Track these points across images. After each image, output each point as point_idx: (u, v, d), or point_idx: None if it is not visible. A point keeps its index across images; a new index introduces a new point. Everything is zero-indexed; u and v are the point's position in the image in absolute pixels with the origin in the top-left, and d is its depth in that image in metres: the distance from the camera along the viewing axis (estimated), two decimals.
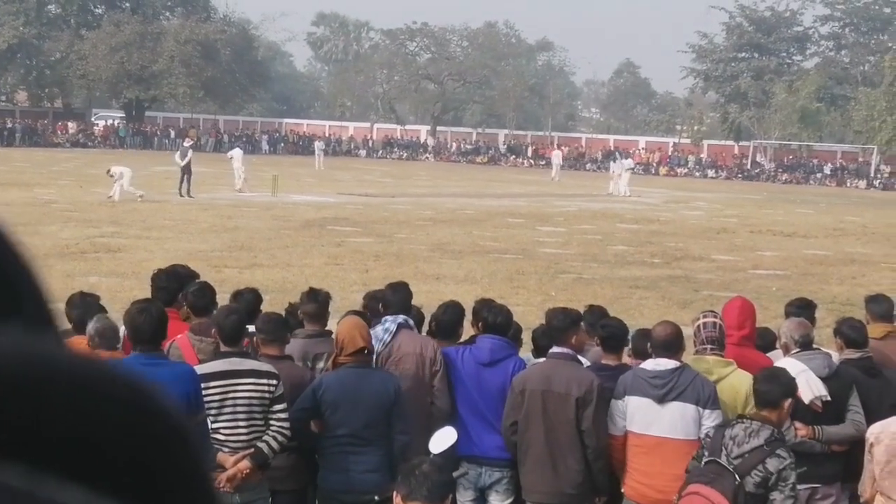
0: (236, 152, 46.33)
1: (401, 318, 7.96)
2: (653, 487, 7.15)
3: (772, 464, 6.34)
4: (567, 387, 7.32)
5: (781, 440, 6.55)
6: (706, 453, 6.56)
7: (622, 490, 7.44)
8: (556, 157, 73.93)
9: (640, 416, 7.22)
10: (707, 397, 7.08)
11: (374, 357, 7.71)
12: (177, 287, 8.19)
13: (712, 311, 7.94)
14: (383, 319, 7.99)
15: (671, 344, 7.29)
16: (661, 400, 7.12)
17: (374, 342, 7.75)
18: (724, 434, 6.53)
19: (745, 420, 6.60)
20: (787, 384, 6.76)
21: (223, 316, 7.22)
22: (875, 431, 7.06)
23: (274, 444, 6.94)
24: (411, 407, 7.57)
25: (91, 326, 7.28)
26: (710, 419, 7.04)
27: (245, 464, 6.83)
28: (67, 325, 8.09)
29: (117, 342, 7.24)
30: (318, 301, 8.16)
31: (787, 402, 6.71)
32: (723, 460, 6.41)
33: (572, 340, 7.52)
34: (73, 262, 21.87)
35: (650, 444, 7.19)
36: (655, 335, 7.37)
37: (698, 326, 7.59)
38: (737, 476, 6.30)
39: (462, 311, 8.37)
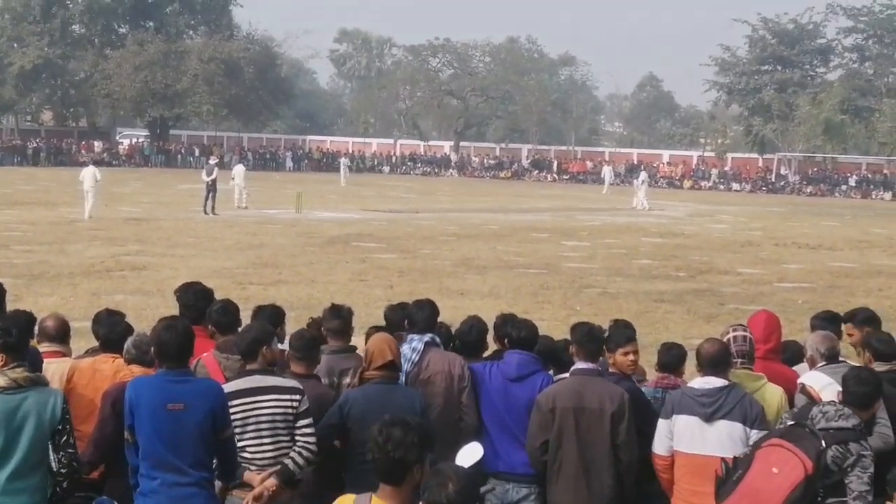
0: (238, 169, 46.37)
1: (427, 336, 7.94)
2: None
3: (854, 447, 6.38)
4: (600, 402, 7.28)
5: (865, 434, 6.56)
6: (788, 421, 6.56)
7: None
8: (608, 172, 73.51)
9: (688, 434, 7.10)
10: (755, 417, 6.98)
11: (404, 376, 7.69)
12: (204, 305, 8.21)
13: (741, 325, 7.87)
14: (409, 338, 7.96)
15: (719, 361, 7.15)
16: (709, 418, 7.01)
17: (402, 362, 7.74)
18: (813, 408, 6.54)
19: (838, 404, 6.63)
20: (878, 384, 6.83)
21: (240, 334, 7.25)
22: None
23: (300, 461, 6.89)
24: (441, 424, 7.54)
25: (129, 341, 7.51)
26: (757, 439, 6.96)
27: (272, 482, 6.78)
28: (95, 343, 8.13)
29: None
30: (341, 317, 8.13)
31: (878, 403, 6.78)
32: None
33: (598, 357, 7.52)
34: (99, 280, 21.97)
35: (698, 463, 7.03)
36: (704, 352, 7.20)
37: (728, 340, 7.51)
38: (823, 442, 6.24)
39: (485, 326, 8.34)
